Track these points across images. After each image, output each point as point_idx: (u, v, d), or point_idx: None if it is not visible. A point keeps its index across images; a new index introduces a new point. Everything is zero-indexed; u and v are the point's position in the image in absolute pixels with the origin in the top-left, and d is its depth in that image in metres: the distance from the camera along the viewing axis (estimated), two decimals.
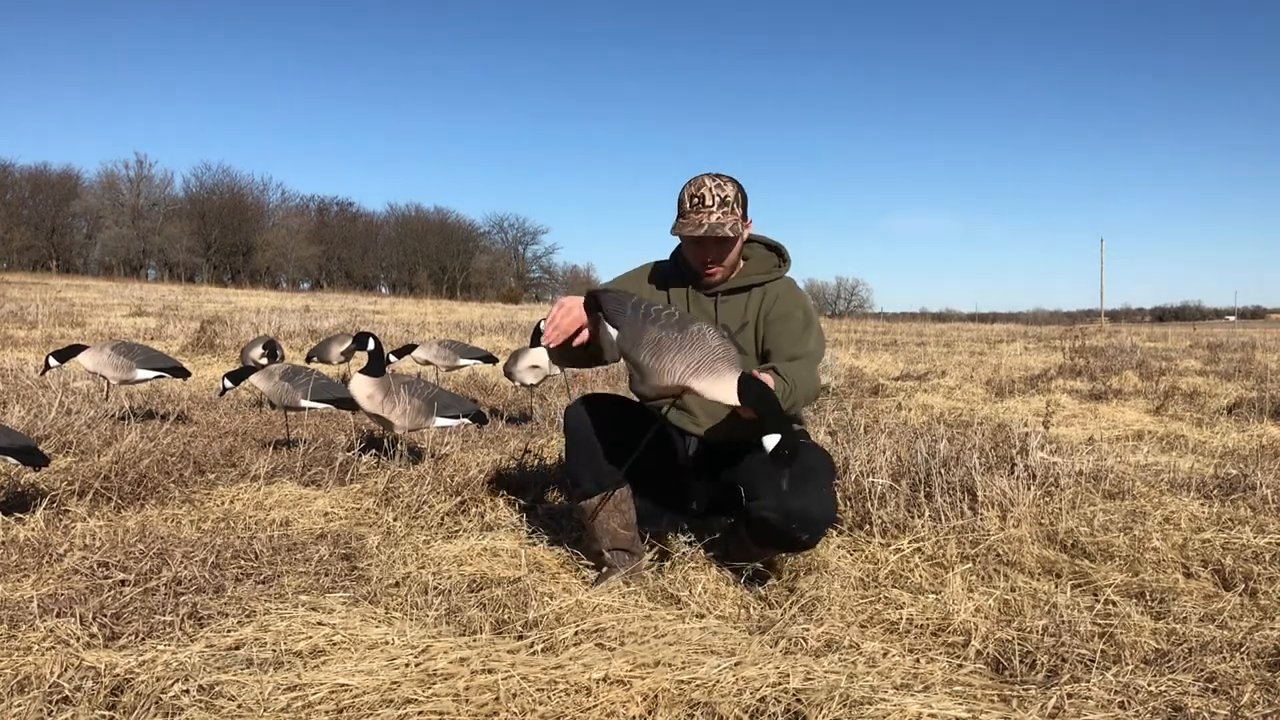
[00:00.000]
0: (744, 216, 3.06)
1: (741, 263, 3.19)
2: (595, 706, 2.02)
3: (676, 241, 3.19)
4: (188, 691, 2.06)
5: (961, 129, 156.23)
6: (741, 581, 3.02)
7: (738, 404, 2.60)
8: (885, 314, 57.46)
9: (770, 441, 2.58)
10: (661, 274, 3.25)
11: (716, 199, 2.98)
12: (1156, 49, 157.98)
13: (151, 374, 6.01)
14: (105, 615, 2.53)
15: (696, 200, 3.00)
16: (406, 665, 2.16)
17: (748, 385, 2.61)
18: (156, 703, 2.03)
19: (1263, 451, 5.64)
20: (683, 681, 2.12)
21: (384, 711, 1.98)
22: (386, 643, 2.30)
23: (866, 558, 3.20)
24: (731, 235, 2.99)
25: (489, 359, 8.16)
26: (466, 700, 2.03)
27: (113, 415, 5.73)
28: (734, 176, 3.07)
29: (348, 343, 8.55)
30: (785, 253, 3.23)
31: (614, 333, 2.81)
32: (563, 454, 3.35)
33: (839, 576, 2.99)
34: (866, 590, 2.92)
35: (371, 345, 4.60)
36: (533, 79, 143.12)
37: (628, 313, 2.79)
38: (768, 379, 2.73)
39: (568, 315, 2.92)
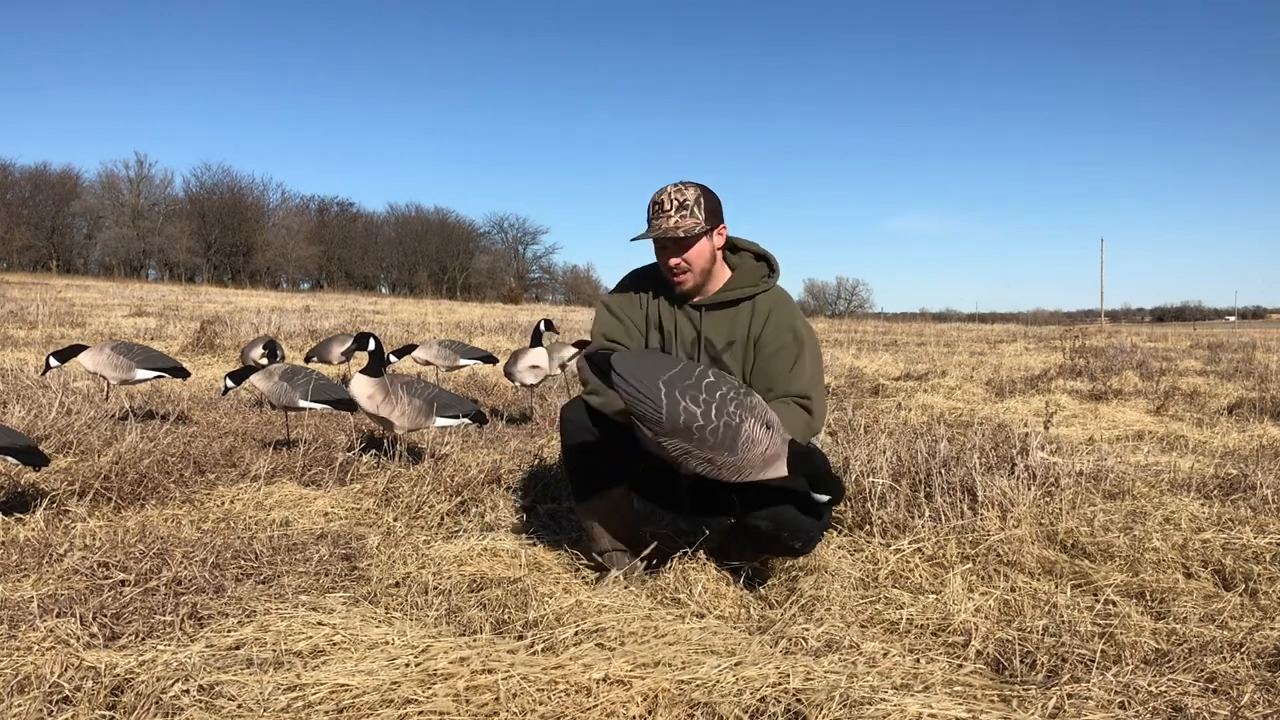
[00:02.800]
0: (708, 220, 3.00)
1: (728, 272, 3.15)
2: (595, 706, 2.02)
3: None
4: (188, 691, 2.06)
5: (962, 129, 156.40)
6: (741, 581, 3.02)
7: (787, 475, 2.69)
8: (885, 314, 57.58)
9: (821, 498, 2.73)
10: (647, 288, 3.21)
11: (675, 203, 2.98)
12: (1156, 48, 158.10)
13: (151, 374, 6.01)
14: (105, 615, 2.53)
15: (656, 207, 3.00)
16: (406, 665, 2.16)
17: (796, 459, 2.69)
18: (156, 703, 2.03)
19: (1263, 451, 5.63)
20: (683, 681, 2.12)
21: (384, 711, 1.98)
22: (386, 643, 2.30)
23: (866, 558, 3.20)
24: (684, 236, 2.96)
25: (489, 359, 8.16)
26: (466, 700, 2.03)
27: (113, 415, 5.73)
28: (700, 183, 3.05)
29: (348, 343, 8.54)
30: (775, 263, 3.17)
31: (670, 445, 2.64)
32: (561, 454, 3.35)
33: (839, 576, 2.99)
34: (866, 590, 2.92)
35: (371, 345, 4.60)
36: (533, 78, 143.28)
37: (691, 438, 2.60)
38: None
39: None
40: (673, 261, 3.02)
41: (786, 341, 3.06)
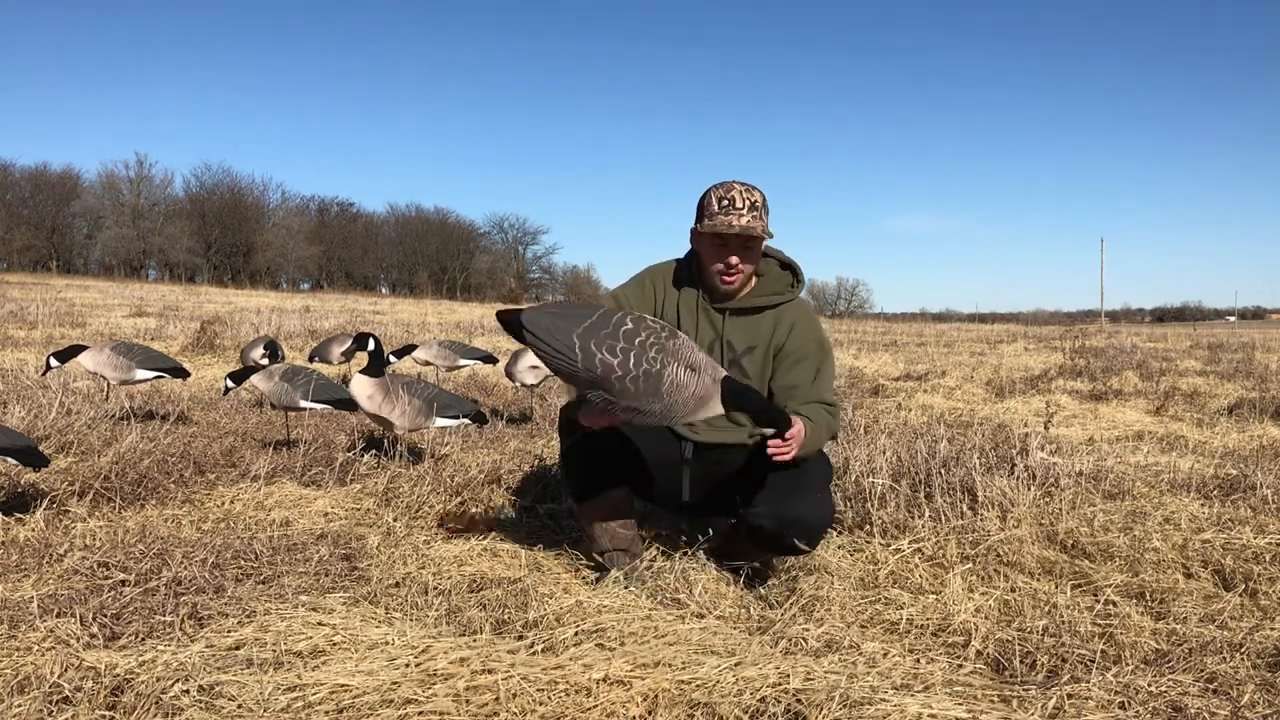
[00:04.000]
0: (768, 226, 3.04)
1: (754, 279, 3.15)
2: (595, 707, 2.02)
3: (685, 245, 3.17)
4: (188, 691, 2.06)
5: (962, 129, 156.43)
6: (741, 581, 3.02)
7: (723, 412, 2.66)
8: (885, 314, 57.63)
9: (767, 432, 2.69)
10: (663, 284, 3.20)
11: (746, 202, 2.96)
12: (1156, 48, 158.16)
13: (151, 374, 6.01)
14: (105, 615, 2.53)
15: (726, 202, 2.96)
16: (406, 665, 2.16)
17: (729, 393, 2.64)
18: (156, 703, 2.03)
19: (1263, 452, 5.63)
20: (683, 681, 2.12)
21: (384, 712, 1.98)
22: (386, 643, 2.30)
23: (867, 558, 3.20)
24: (763, 235, 2.98)
25: (489, 359, 8.16)
26: (466, 700, 2.03)
27: (113, 415, 5.73)
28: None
29: (348, 343, 8.52)
30: (800, 273, 3.19)
31: (594, 397, 2.63)
32: (560, 454, 3.35)
33: (839, 577, 2.99)
34: (867, 590, 2.92)
35: (371, 345, 4.60)
36: (533, 78, 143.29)
37: (612, 388, 2.55)
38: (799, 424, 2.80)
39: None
40: (733, 260, 3.01)
41: (811, 351, 3.10)
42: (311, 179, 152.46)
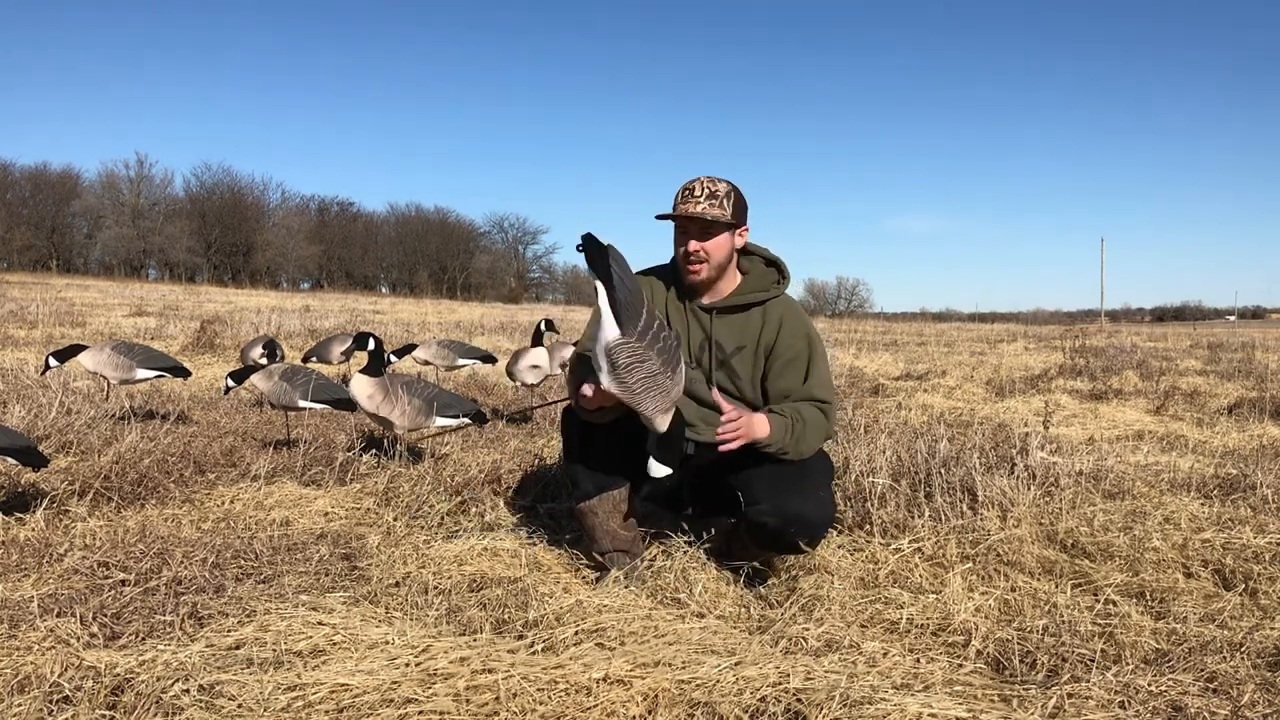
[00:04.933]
0: (735, 216, 3.04)
1: (739, 277, 3.17)
2: (595, 706, 2.03)
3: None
4: (188, 691, 2.06)
5: (962, 129, 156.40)
6: (741, 581, 3.02)
7: (661, 431, 2.73)
8: (885, 314, 57.59)
9: (658, 470, 2.76)
10: (653, 287, 3.22)
11: (706, 191, 3.01)
12: (1156, 47, 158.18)
13: (151, 374, 6.01)
14: (105, 615, 2.54)
15: (686, 193, 3.03)
16: (407, 665, 2.16)
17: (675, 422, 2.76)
18: (156, 702, 2.03)
19: (1263, 451, 5.64)
20: (683, 681, 2.12)
21: (384, 711, 1.98)
22: (387, 642, 2.31)
23: (867, 558, 3.20)
24: (710, 221, 2.98)
25: (489, 359, 8.16)
26: (467, 700, 2.03)
27: (113, 415, 5.73)
28: (732, 182, 3.08)
29: (348, 343, 8.54)
30: (785, 269, 3.20)
31: (615, 337, 2.64)
32: (562, 454, 3.36)
33: (839, 576, 2.99)
34: (867, 590, 2.92)
35: (371, 345, 4.60)
36: (533, 78, 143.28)
37: (644, 337, 2.64)
38: (763, 420, 2.85)
39: (592, 403, 2.87)
40: (692, 247, 3.03)
41: (801, 349, 3.09)
42: (311, 179, 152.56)
